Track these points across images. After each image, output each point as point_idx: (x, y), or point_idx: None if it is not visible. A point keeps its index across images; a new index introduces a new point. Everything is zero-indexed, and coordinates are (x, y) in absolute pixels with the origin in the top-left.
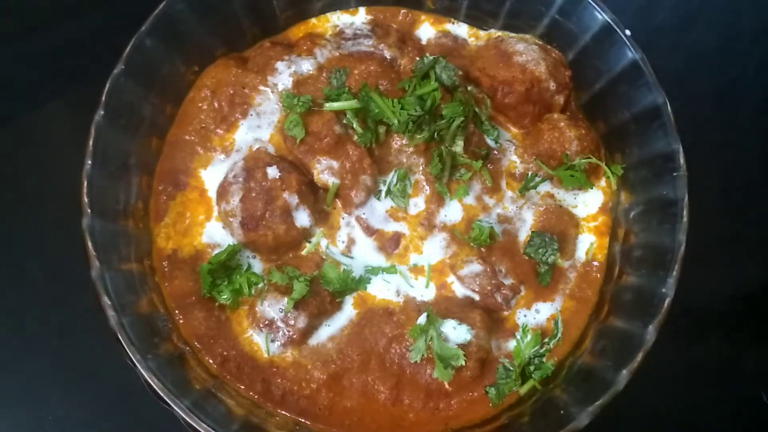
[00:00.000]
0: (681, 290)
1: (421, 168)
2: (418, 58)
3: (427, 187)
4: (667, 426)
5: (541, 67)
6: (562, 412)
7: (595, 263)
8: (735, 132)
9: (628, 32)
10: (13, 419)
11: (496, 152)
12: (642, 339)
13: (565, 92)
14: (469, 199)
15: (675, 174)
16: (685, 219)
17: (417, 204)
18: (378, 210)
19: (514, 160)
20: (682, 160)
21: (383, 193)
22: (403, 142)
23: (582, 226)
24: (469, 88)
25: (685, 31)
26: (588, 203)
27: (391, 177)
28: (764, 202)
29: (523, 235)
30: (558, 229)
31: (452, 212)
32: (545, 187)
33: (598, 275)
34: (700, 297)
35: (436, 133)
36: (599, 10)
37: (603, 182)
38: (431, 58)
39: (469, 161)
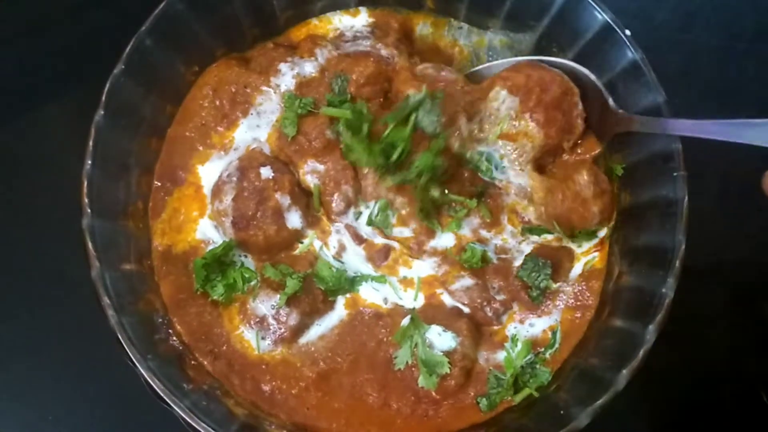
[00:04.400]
0: (681, 290)
1: (402, 204)
2: (409, 92)
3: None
4: (667, 426)
5: (572, 83)
6: (562, 412)
7: (593, 282)
8: None
9: (628, 32)
10: (13, 419)
11: (498, 186)
12: (642, 339)
13: (582, 122)
14: (465, 231)
15: (675, 174)
16: (685, 219)
17: (404, 232)
18: (364, 223)
19: (525, 204)
20: (682, 160)
21: (364, 221)
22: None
23: (579, 256)
24: (462, 122)
25: (685, 31)
26: (591, 241)
27: (373, 207)
28: (764, 202)
29: (519, 261)
30: (554, 259)
31: (444, 240)
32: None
33: (598, 282)
34: (700, 297)
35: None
36: (599, 10)
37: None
38: (417, 98)
39: (462, 199)
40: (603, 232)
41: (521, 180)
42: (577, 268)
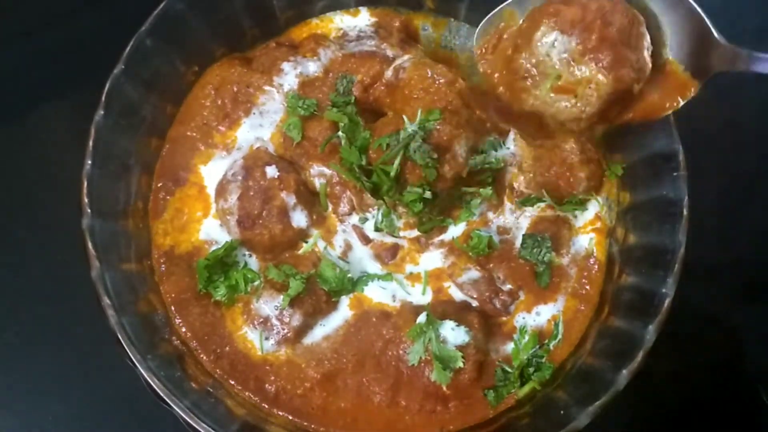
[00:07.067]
0: (681, 290)
1: (405, 212)
2: (407, 127)
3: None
4: (667, 426)
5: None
6: (562, 412)
7: (596, 261)
8: (735, 132)
9: None
10: (13, 419)
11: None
12: (642, 339)
13: (650, 58)
14: (475, 217)
15: (675, 174)
16: (685, 219)
17: (412, 233)
18: (371, 228)
19: (515, 172)
20: (682, 160)
21: (371, 226)
22: None
23: (577, 229)
24: (458, 147)
25: None
26: (585, 214)
27: (376, 214)
28: (764, 202)
29: (520, 241)
30: (552, 231)
31: (452, 231)
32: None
33: (599, 273)
34: (700, 297)
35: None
36: None
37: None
38: (409, 132)
39: (476, 189)
40: (595, 206)
41: (514, 149)
42: (579, 243)
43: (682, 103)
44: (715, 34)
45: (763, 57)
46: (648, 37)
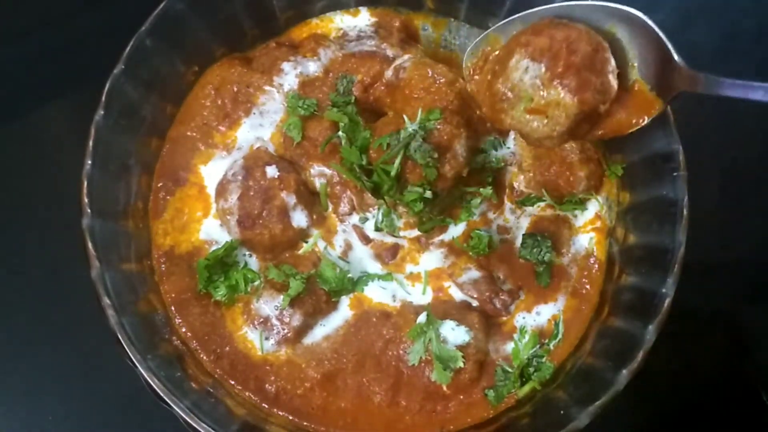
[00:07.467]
0: (681, 290)
1: (405, 212)
2: (408, 126)
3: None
4: (667, 426)
5: (600, 37)
6: (562, 412)
7: (596, 260)
8: (735, 132)
9: None
10: (13, 419)
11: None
12: (642, 339)
13: (616, 80)
14: (475, 217)
15: (675, 174)
16: (685, 219)
17: (412, 233)
18: (371, 228)
19: (515, 172)
20: (682, 160)
21: (371, 226)
22: None
23: (577, 229)
24: (458, 146)
25: (685, 31)
26: (585, 213)
27: (376, 213)
28: (764, 202)
29: (520, 241)
30: (551, 230)
31: (452, 230)
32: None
33: (599, 273)
34: (700, 297)
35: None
36: None
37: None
38: (410, 132)
39: (477, 189)
40: (595, 205)
41: (514, 148)
42: (579, 243)
43: (647, 120)
44: (676, 58)
45: (718, 80)
46: (613, 62)
